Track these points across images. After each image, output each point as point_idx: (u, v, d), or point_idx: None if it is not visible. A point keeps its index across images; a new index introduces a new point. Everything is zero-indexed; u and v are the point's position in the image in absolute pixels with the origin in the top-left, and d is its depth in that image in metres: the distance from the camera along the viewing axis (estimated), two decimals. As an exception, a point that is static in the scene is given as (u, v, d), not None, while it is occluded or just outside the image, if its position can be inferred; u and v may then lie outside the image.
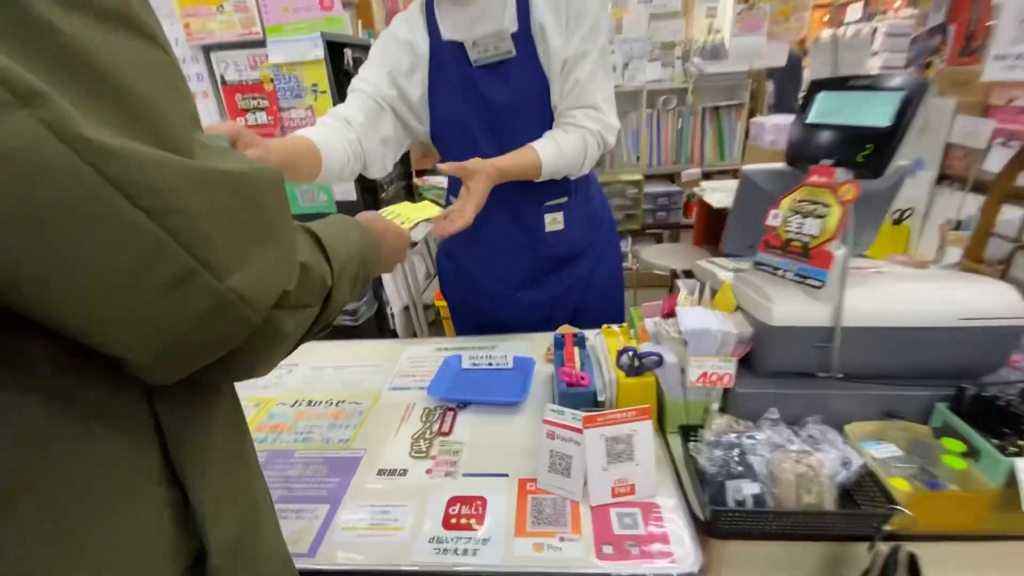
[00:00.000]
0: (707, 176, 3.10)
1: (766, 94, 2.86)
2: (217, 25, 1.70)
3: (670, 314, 0.86)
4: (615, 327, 0.97)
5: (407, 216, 0.83)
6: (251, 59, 1.75)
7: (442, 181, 2.62)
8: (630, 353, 0.78)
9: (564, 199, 1.13)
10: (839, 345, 0.69)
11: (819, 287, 0.65)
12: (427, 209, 0.88)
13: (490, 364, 1.03)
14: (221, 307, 0.30)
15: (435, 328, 2.42)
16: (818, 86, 0.72)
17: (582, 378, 0.81)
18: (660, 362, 0.77)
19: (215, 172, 0.30)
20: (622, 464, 0.70)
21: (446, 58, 1.02)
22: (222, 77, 1.79)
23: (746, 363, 0.78)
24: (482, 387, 0.97)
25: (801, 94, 3.45)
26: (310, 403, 0.99)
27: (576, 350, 0.89)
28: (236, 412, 0.44)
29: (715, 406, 0.77)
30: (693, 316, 0.78)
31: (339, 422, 0.93)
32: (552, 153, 0.98)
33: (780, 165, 0.71)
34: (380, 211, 0.90)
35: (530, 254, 1.17)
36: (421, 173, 2.71)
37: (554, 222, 1.13)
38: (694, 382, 0.75)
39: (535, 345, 1.12)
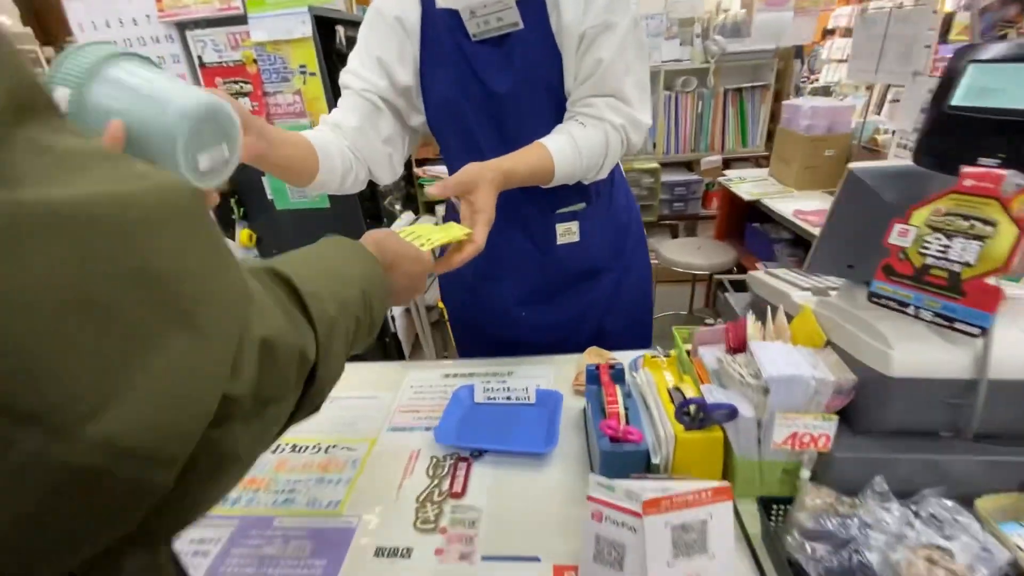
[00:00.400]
0: (727, 164, 2.91)
1: (794, 74, 2.65)
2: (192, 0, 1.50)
3: (738, 348, 0.69)
4: (660, 356, 0.80)
5: (427, 238, 0.67)
6: (231, 37, 1.56)
7: (444, 172, 2.44)
8: (695, 405, 0.61)
9: (581, 205, 0.94)
10: (982, 402, 0.52)
11: (977, 335, 0.48)
12: (452, 231, 0.71)
13: (508, 398, 0.87)
14: (80, 479, 0.17)
15: (437, 330, 2.26)
16: (966, 55, 0.54)
17: (630, 432, 0.64)
18: (733, 415, 0.61)
19: (41, 212, 0.17)
20: (692, 559, 0.54)
21: (439, 30, 0.83)
22: (200, 58, 1.60)
23: (843, 416, 0.61)
24: (500, 429, 0.81)
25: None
26: (295, 448, 0.83)
27: (617, 389, 0.72)
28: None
29: (805, 473, 0.60)
30: (776, 356, 0.61)
31: (328, 476, 0.76)
32: (567, 153, 0.80)
33: (903, 164, 0.54)
34: (396, 230, 0.74)
35: (538, 269, 0.99)
36: (422, 163, 2.52)
37: (568, 233, 0.95)
38: (780, 444, 0.59)
39: (558, 371, 0.96)
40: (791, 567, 0.53)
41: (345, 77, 0.88)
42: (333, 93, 1.65)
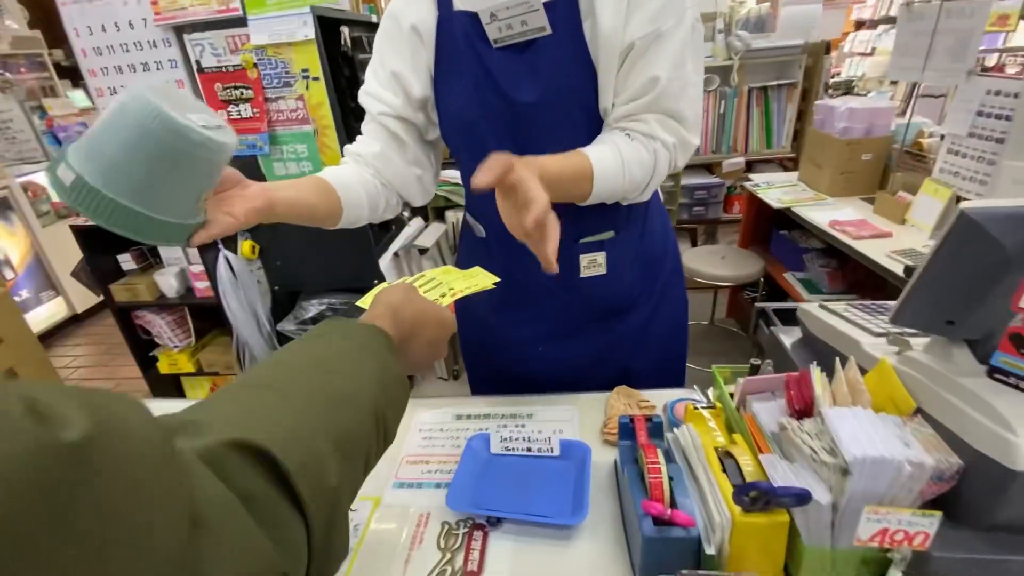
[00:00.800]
0: (751, 166, 2.78)
1: (824, 71, 2.52)
2: (189, 1, 1.42)
3: (804, 411, 0.59)
4: (702, 406, 0.70)
5: (449, 287, 0.60)
6: (230, 40, 1.48)
7: (455, 175, 2.34)
8: (759, 491, 0.51)
9: (609, 234, 0.83)
10: None
11: None
12: (478, 278, 0.64)
13: (528, 449, 0.77)
14: None
15: (450, 344, 2.17)
16: None
17: (679, 515, 0.54)
18: (805, 500, 0.50)
19: None
20: None
21: (456, 36, 0.73)
22: (198, 63, 1.52)
23: (938, 504, 0.50)
24: (520, 488, 0.71)
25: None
26: (290, 507, 0.74)
27: (659, 452, 0.62)
28: None
29: (895, 575, 0.50)
30: (857, 428, 0.51)
31: (327, 543, 0.67)
32: (610, 166, 0.68)
33: (1031, 202, 0.44)
34: (415, 278, 0.64)
35: (559, 303, 0.89)
36: (433, 167, 2.43)
37: (593, 265, 0.84)
38: (866, 541, 0.48)
39: (583, 413, 0.86)
40: None
41: (363, 99, 0.81)
42: (337, 98, 1.56)
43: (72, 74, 2.97)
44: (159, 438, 0.19)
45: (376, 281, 1.90)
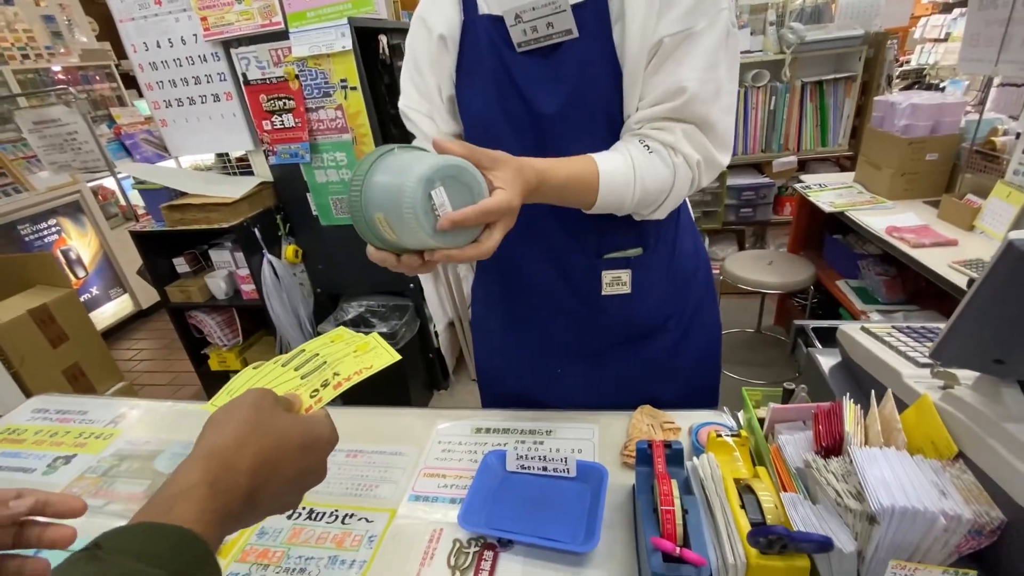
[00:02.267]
0: (804, 165, 2.64)
1: (886, 63, 2.34)
2: (235, 17, 1.49)
3: (832, 447, 0.55)
4: (728, 436, 0.66)
5: (336, 369, 0.50)
6: (273, 54, 1.54)
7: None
8: (776, 535, 0.48)
9: (636, 251, 0.79)
10: None
11: None
12: (375, 355, 0.55)
13: (544, 469, 0.76)
14: None
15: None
16: None
17: (689, 554, 0.52)
18: (826, 548, 0.47)
19: None
20: None
21: (480, 40, 0.72)
22: (244, 76, 1.59)
23: (976, 558, 0.46)
24: (534, 510, 0.70)
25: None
26: (311, 515, 0.76)
27: (674, 485, 0.59)
28: None
29: (927, 636, 0.45)
30: (887, 472, 0.47)
31: (343, 554, 0.69)
32: (618, 177, 0.65)
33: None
34: (291, 355, 0.54)
35: (578, 321, 0.85)
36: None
37: (616, 283, 0.80)
38: (893, 599, 0.45)
39: (604, 432, 0.84)
40: None
41: (402, 107, 0.80)
42: (375, 106, 1.59)
43: (137, 84, 3.19)
44: None
45: (411, 285, 1.93)
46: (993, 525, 0.43)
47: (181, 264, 1.93)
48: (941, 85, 4.10)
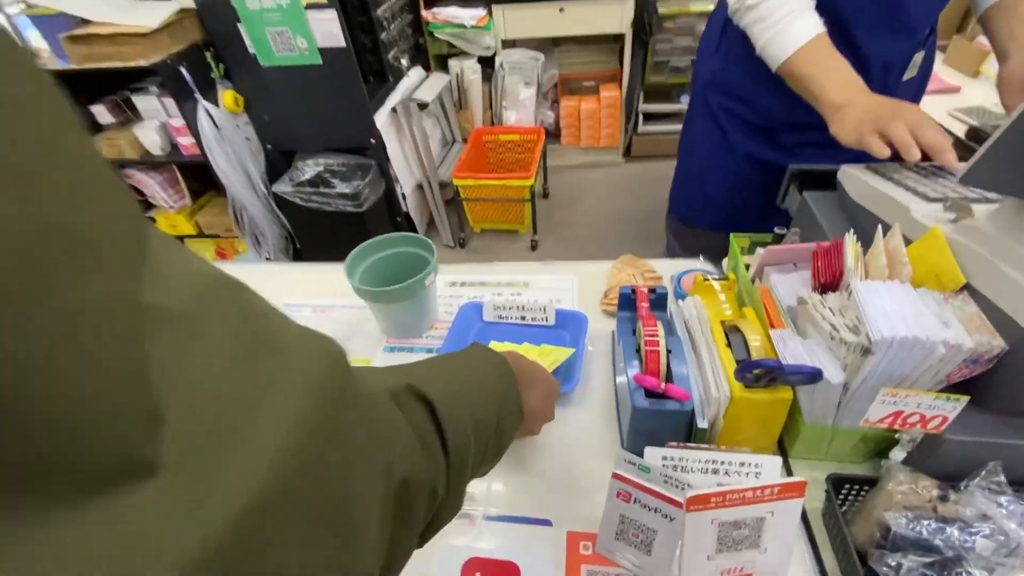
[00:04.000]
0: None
1: None
2: None
3: (829, 284, 0.52)
4: (714, 280, 0.63)
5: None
6: None
7: (459, 15, 2.04)
8: (765, 368, 0.46)
9: None
10: None
11: None
12: (555, 353, 0.64)
13: (523, 318, 0.73)
14: None
15: (453, 208, 2.08)
16: None
17: (673, 390, 0.51)
18: (815, 379, 0.46)
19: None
20: (740, 553, 0.43)
21: None
22: None
23: (963, 387, 0.46)
24: (512, 356, 0.69)
25: None
26: (279, 367, 0.73)
27: (659, 324, 0.57)
28: None
29: (898, 455, 0.47)
30: (889, 305, 0.44)
31: (316, 403, 0.67)
32: None
33: None
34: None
35: None
36: (431, 3, 2.12)
37: None
38: (875, 422, 0.45)
39: (584, 282, 0.81)
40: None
41: None
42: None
43: None
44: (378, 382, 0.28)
45: (373, 141, 1.76)
46: (992, 353, 0.42)
47: (102, 114, 1.67)
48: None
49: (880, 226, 0.53)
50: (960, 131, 1.18)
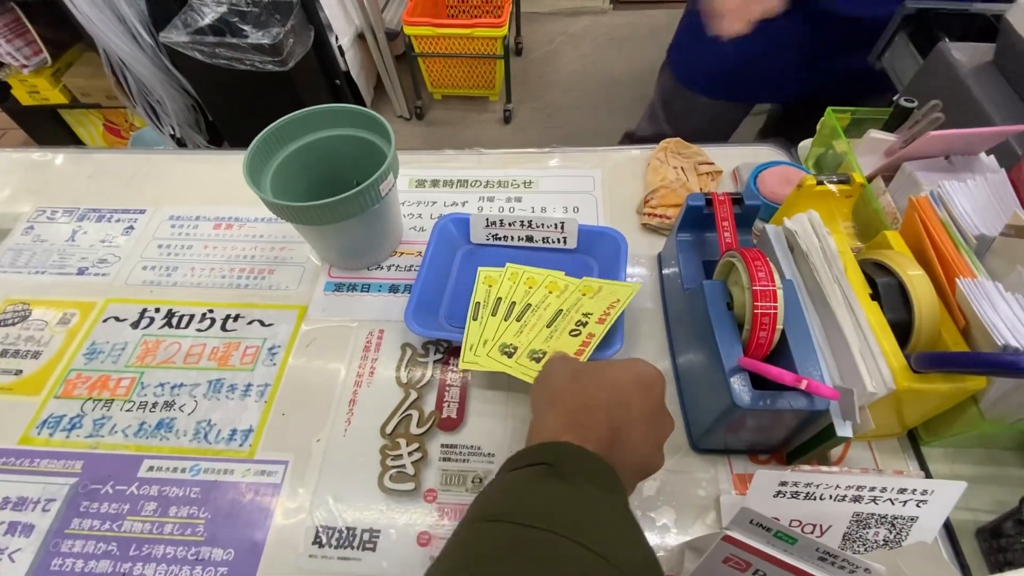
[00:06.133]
0: None
1: None
2: None
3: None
4: (832, 184, 0.41)
5: (583, 311, 0.42)
6: None
7: None
8: (968, 365, 0.26)
9: None
10: None
11: None
12: (619, 289, 0.43)
13: (529, 239, 0.51)
14: None
15: (404, 67, 1.68)
16: None
17: (816, 386, 0.31)
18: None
19: None
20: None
21: None
22: None
23: None
24: (517, 298, 0.47)
25: None
26: (171, 319, 0.49)
27: (773, 269, 0.36)
28: None
29: None
30: None
31: (230, 374, 0.45)
32: None
33: None
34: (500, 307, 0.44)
35: None
36: None
37: None
38: None
39: (610, 178, 0.57)
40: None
41: None
42: None
43: None
44: None
45: (291, -31, 1.29)
46: None
47: None
48: None
49: None
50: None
